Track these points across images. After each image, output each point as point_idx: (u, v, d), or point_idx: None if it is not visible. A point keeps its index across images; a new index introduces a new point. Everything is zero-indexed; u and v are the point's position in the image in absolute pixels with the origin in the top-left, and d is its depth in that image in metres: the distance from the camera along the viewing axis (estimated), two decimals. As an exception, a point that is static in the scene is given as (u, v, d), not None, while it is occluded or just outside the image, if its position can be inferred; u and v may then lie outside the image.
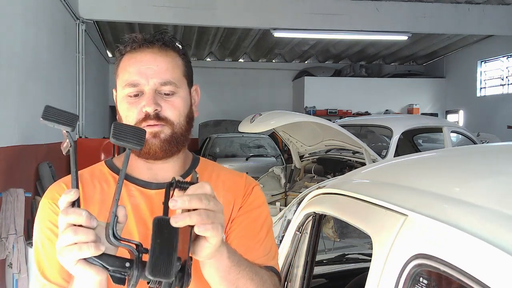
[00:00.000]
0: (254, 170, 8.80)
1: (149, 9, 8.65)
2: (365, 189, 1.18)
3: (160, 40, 0.99)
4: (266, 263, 0.99)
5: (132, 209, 0.97)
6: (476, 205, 0.81)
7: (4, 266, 3.72)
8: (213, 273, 0.84)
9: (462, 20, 10.08)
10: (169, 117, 0.96)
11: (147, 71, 0.96)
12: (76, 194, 0.72)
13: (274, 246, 1.05)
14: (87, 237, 0.69)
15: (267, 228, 1.05)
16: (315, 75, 15.52)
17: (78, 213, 0.70)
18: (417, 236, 0.86)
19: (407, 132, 6.02)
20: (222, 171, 1.11)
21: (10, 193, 3.71)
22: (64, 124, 0.75)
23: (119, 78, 0.99)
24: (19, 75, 4.58)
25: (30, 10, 5.09)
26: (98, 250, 0.69)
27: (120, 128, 0.77)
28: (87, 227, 0.70)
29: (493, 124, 12.30)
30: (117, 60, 1.02)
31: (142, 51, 0.98)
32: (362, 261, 2.40)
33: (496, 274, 0.66)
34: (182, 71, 1.01)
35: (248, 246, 0.98)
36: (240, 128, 4.91)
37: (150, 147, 0.96)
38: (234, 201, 1.03)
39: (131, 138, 0.76)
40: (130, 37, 1.00)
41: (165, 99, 0.97)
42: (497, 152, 1.28)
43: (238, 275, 0.86)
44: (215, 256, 0.80)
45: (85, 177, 1.02)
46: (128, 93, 0.97)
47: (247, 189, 1.06)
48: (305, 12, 9.34)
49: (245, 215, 1.03)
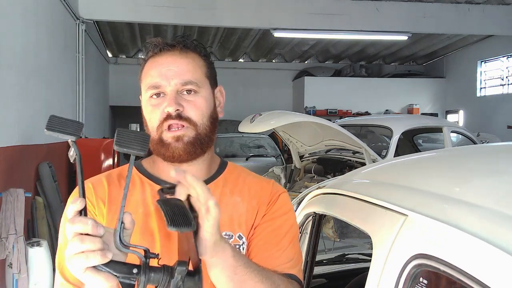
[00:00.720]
0: (254, 170, 8.68)
1: (149, 9, 8.65)
2: (365, 189, 1.18)
3: (181, 42, 1.00)
4: (287, 271, 0.98)
5: (156, 211, 0.98)
6: (476, 205, 0.81)
7: (4, 266, 3.72)
8: (219, 273, 0.84)
9: (462, 20, 10.07)
10: (192, 117, 0.97)
11: (167, 73, 0.96)
12: (83, 203, 0.73)
13: (298, 255, 1.04)
14: (94, 246, 0.70)
15: (292, 237, 1.03)
16: (315, 75, 15.52)
17: (84, 222, 0.71)
18: (417, 236, 0.86)
19: (407, 132, 6.02)
20: (249, 176, 1.10)
21: (10, 193, 3.71)
22: (69, 134, 0.75)
23: (143, 82, 1.01)
24: (19, 75, 4.58)
25: (30, 10, 5.09)
26: (105, 258, 0.71)
27: (124, 135, 0.77)
28: (94, 235, 0.71)
29: (493, 124, 12.30)
30: (141, 66, 1.04)
31: (163, 54, 0.99)
32: (362, 261, 2.40)
33: (496, 274, 0.66)
34: (204, 71, 1.01)
35: (269, 253, 0.98)
36: (240, 128, 4.91)
37: (173, 151, 0.96)
38: (258, 208, 1.03)
39: (135, 144, 0.76)
40: (151, 42, 1.01)
41: (187, 99, 0.97)
42: (497, 152, 1.28)
43: (245, 276, 0.85)
44: (216, 252, 0.81)
45: (112, 177, 1.04)
46: (150, 94, 0.98)
47: (273, 196, 1.05)
48: (305, 12, 9.34)
49: (269, 223, 1.02)
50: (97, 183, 1.02)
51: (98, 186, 1.01)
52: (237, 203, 1.03)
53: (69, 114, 7.28)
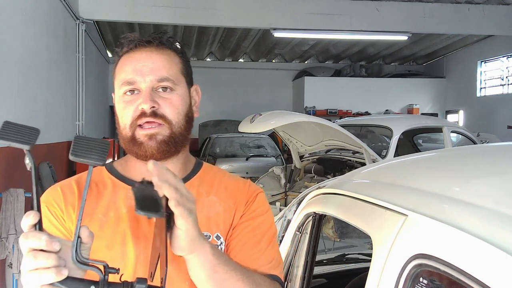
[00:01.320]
0: (254, 170, 8.80)
1: (149, 9, 8.65)
2: (365, 189, 1.18)
3: (157, 39, 0.97)
4: (269, 271, 0.96)
5: (128, 212, 0.95)
6: (476, 205, 0.81)
7: (4, 266, 3.72)
8: (198, 271, 0.82)
9: (462, 20, 10.07)
10: (167, 115, 0.94)
11: (143, 69, 0.93)
12: (36, 217, 0.69)
13: (278, 255, 1.02)
14: (48, 262, 0.66)
15: (270, 237, 1.01)
16: (315, 75, 15.52)
17: (38, 237, 0.67)
18: (417, 236, 0.86)
19: (407, 132, 6.02)
20: (225, 176, 1.08)
21: (10, 193, 3.71)
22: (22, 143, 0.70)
23: (116, 78, 0.97)
24: (19, 75, 4.58)
25: (30, 10, 5.09)
26: (60, 275, 0.67)
27: (81, 143, 0.72)
28: (48, 251, 0.67)
29: (493, 124, 12.30)
30: (115, 62, 1.00)
31: (138, 50, 0.96)
32: (362, 261, 2.40)
33: (496, 274, 0.66)
34: (180, 68, 0.99)
35: (249, 254, 0.96)
36: (240, 128, 4.91)
37: (146, 150, 0.93)
38: (236, 208, 1.01)
39: (93, 154, 0.72)
40: (126, 38, 0.98)
41: (163, 97, 0.94)
42: (497, 152, 1.28)
43: (226, 274, 0.83)
44: (194, 248, 0.79)
45: (83, 180, 1.00)
46: (124, 91, 0.94)
47: (250, 196, 1.03)
48: (305, 12, 9.34)
49: (247, 223, 1.00)
50: (67, 187, 0.99)
51: (68, 191, 0.97)
52: (214, 202, 1.00)
53: (69, 114, 7.28)
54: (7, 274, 3.75)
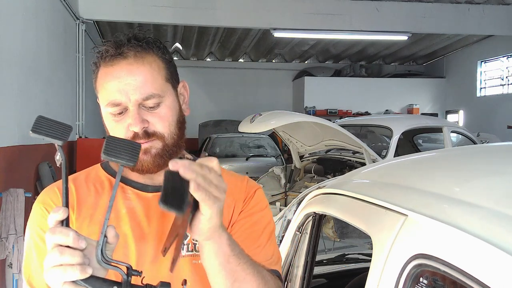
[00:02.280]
0: (254, 170, 8.80)
1: (149, 9, 8.65)
2: (365, 189, 1.18)
3: (134, 47, 0.91)
4: (269, 267, 0.97)
5: (128, 213, 0.94)
6: (476, 205, 0.81)
7: (4, 266, 3.72)
8: (212, 258, 0.82)
9: (462, 20, 10.07)
10: (159, 131, 0.92)
11: (126, 88, 0.89)
12: (65, 213, 0.69)
13: (277, 251, 1.03)
14: (73, 259, 0.67)
15: (269, 233, 1.01)
16: (315, 75, 15.52)
17: (65, 234, 0.67)
18: (417, 236, 0.86)
19: (407, 132, 6.02)
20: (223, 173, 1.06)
21: (10, 193, 3.71)
22: (55, 138, 0.71)
23: (100, 94, 0.94)
24: (19, 75, 4.58)
25: (30, 10, 5.09)
26: (84, 273, 0.67)
27: (114, 143, 0.73)
28: (74, 248, 0.67)
29: (493, 124, 12.30)
30: (94, 73, 0.96)
31: (117, 64, 0.91)
32: (362, 261, 2.40)
33: (496, 274, 0.66)
34: (164, 75, 0.94)
35: (249, 250, 0.94)
36: (240, 128, 4.91)
37: (142, 164, 0.91)
38: (234, 205, 1.01)
39: (124, 154, 0.72)
40: (102, 49, 0.93)
41: (151, 112, 0.91)
42: (497, 152, 1.28)
43: (238, 266, 0.83)
44: (213, 236, 0.78)
45: (79, 180, 0.99)
46: (111, 112, 0.92)
47: (249, 192, 1.03)
48: (305, 12, 9.34)
49: (246, 219, 1.00)
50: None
51: None
52: None
53: (69, 114, 7.28)
54: (7, 274, 3.75)
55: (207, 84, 14.92)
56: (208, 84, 14.93)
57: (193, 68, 14.92)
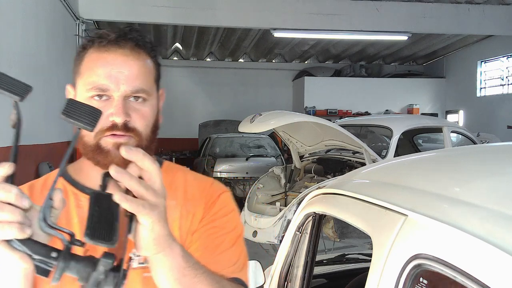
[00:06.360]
0: (254, 170, 8.80)
1: (149, 9, 8.66)
2: (365, 189, 1.18)
3: (133, 39, 0.89)
4: (232, 275, 0.91)
5: (79, 222, 0.88)
6: (476, 205, 0.81)
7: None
8: (166, 274, 0.74)
9: (462, 20, 10.08)
10: (138, 128, 0.88)
11: (118, 76, 0.86)
12: (11, 168, 0.65)
13: (243, 257, 0.96)
14: (12, 217, 0.62)
15: (235, 238, 0.95)
16: (315, 75, 15.52)
17: (8, 190, 0.63)
18: (417, 236, 0.86)
19: (407, 132, 6.03)
20: (187, 176, 1.01)
21: (10, 193, 3.71)
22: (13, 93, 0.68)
23: (83, 78, 0.89)
24: (19, 74, 4.56)
25: (30, 10, 5.09)
26: (22, 232, 0.62)
27: (75, 105, 0.69)
28: (16, 206, 0.63)
29: (493, 124, 12.30)
30: (78, 54, 0.91)
31: (112, 51, 0.88)
32: (362, 261, 2.40)
33: (496, 274, 0.66)
34: (154, 76, 0.92)
35: (211, 257, 0.90)
36: (240, 128, 4.92)
37: (112, 159, 0.85)
38: (194, 211, 0.95)
39: (84, 117, 0.68)
40: (101, 32, 0.90)
41: (135, 107, 0.88)
42: (497, 152, 1.28)
43: (195, 279, 0.77)
44: (163, 248, 0.72)
45: (36, 189, 0.94)
46: (92, 95, 0.87)
47: (212, 197, 0.97)
48: (305, 12, 9.34)
49: (208, 225, 0.94)
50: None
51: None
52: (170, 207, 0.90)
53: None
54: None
55: (207, 84, 14.92)
56: (208, 84, 14.93)
57: (193, 68, 14.93)
